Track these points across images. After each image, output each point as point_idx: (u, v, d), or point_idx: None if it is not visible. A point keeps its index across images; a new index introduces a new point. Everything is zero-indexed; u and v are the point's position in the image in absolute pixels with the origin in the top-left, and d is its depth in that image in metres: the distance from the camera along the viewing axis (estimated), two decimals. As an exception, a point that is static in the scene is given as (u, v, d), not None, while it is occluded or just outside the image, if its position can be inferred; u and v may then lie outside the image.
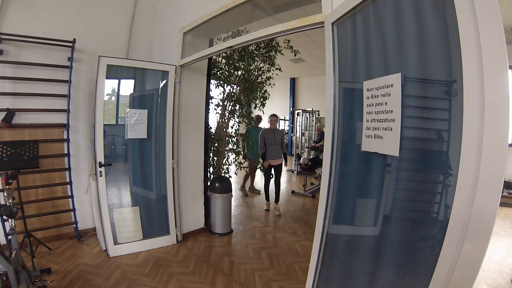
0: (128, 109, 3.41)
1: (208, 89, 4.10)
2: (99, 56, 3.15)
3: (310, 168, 7.14)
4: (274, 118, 5.18)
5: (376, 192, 1.60)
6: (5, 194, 2.47)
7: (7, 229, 2.64)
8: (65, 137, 3.50)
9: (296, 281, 2.85)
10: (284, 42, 4.59)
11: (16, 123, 3.19)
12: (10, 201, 2.44)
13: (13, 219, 2.32)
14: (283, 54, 4.88)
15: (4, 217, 2.79)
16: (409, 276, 1.41)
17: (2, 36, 3.04)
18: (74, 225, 3.60)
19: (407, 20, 1.30)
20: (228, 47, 2.86)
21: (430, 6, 1.21)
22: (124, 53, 3.98)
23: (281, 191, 5.82)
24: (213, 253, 3.46)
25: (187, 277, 2.89)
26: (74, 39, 3.40)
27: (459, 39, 1.02)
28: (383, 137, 1.40)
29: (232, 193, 4.24)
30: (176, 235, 3.64)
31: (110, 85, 3.47)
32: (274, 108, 12.79)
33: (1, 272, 1.88)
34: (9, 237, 2.44)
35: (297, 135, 9.65)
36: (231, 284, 2.81)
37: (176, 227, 3.62)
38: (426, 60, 1.25)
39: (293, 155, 10.46)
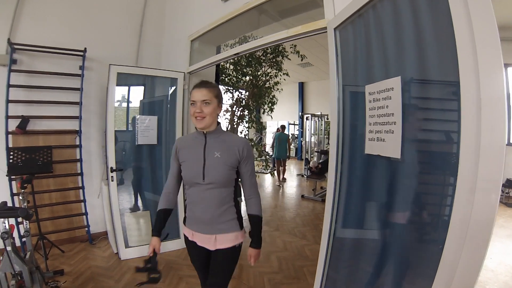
0: (138, 116, 3.49)
1: None
2: (110, 64, 3.25)
3: (320, 172, 7.10)
4: None
5: (380, 195, 1.60)
6: (21, 198, 2.56)
7: (22, 231, 2.74)
8: (78, 143, 3.60)
9: (304, 284, 2.84)
10: (291, 47, 4.62)
11: (30, 130, 3.30)
12: (25, 204, 2.54)
13: (27, 222, 2.40)
14: (290, 59, 4.91)
15: (19, 220, 2.91)
16: (413, 279, 1.40)
17: (16, 46, 3.17)
18: (86, 229, 3.67)
19: (405, 24, 1.32)
20: (235, 54, 2.90)
21: (426, 10, 1.22)
22: (133, 60, 4.08)
23: (290, 195, 7.09)
24: (222, 256, 3.47)
25: (196, 280, 2.89)
26: (85, 48, 3.51)
27: (454, 40, 1.04)
28: (385, 139, 1.41)
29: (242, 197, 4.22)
30: (186, 239, 3.63)
31: (120, 91, 3.56)
32: (283, 112, 12.85)
33: (16, 272, 1.93)
34: (24, 239, 2.53)
35: (307, 140, 9.62)
36: (239, 287, 2.82)
37: (186, 231, 3.62)
38: (424, 63, 1.26)
39: (303, 159, 10.41)
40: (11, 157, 2.88)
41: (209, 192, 1.54)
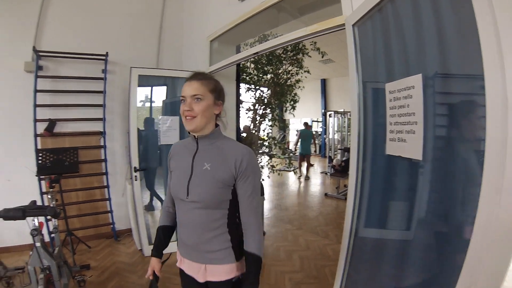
0: (161, 116, 3.56)
1: (237, 94, 4.13)
2: (131, 67, 3.33)
3: (343, 170, 6.95)
4: None
5: (402, 195, 1.55)
6: (49, 197, 2.69)
7: (51, 228, 2.88)
8: (102, 143, 3.73)
9: (325, 285, 2.79)
10: (311, 44, 4.54)
11: (57, 132, 3.48)
12: (54, 202, 2.65)
13: (56, 219, 2.52)
14: (310, 56, 4.83)
15: (48, 217, 3.07)
16: (435, 282, 1.34)
17: (41, 54, 3.34)
18: (112, 226, 3.81)
19: (425, 18, 1.25)
20: (254, 53, 2.86)
21: (447, 2, 1.15)
22: (154, 62, 4.15)
23: (314, 193, 6.96)
24: (245, 255, 3.48)
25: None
26: (107, 52, 3.63)
27: (478, 34, 0.96)
28: (406, 140, 1.36)
29: (265, 196, 4.21)
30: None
31: (143, 92, 3.65)
32: (306, 110, 12.71)
33: (45, 267, 2.01)
34: (53, 235, 2.66)
35: (330, 137, 9.46)
36: (260, 286, 2.80)
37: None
38: (446, 59, 1.19)
39: (326, 157, 10.25)
40: (40, 158, 3.04)
41: (194, 213, 1.23)
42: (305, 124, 9.46)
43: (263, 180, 4.42)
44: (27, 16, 3.32)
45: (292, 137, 13.77)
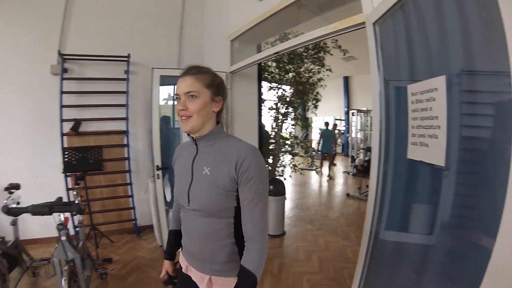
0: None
1: (259, 93, 4.11)
2: (152, 68, 3.39)
3: (366, 170, 6.76)
4: None
5: (423, 200, 1.51)
6: (74, 193, 2.80)
7: (76, 222, 3.01)
8: (125, 142, 3.83)
9: (343, 287, 2.74)
10: (332, 42, 4.47)
11: (82, 131, 3.62)
12: (79, 198, 2.77)
13: (81, 215, 2.63)
14: (332, 55, 4.74)
15: (73, 213, 3.20)
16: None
17: (66, 57, 3.50)
18: (134, 222, 3.92)
19: (449, 15, 1.19)
20: (275, 53, 2.85)
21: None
22: (175, 61, 4.19)
23: (336, 193, 6.93)
24: (265, 254, 3.47)
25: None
26: (129, 54, 3.72)
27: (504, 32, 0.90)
28: (428, 145, 1.30)
29: (286, 195, 4.19)
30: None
31: (165, 90, 3.70)
32: (329, 108, 12.49)
33: (70, 259, 2.09)
34: (77, 229, 2.78)
35: (352, 136, 9.27)
36: (278, 286, 2.80)
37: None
38: (472, 60, 1.13)
39: (348, 156, 10.05)
40: (66, 156, 3.19)
41: (197, 221, 1.12)
42: (326, 123, 9.43)
43: (285, 179, 4.39)
44: (51, 22, 3.49)
45: (315, 135, 13.62)
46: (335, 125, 10.85)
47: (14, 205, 2.45)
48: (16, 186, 2.68)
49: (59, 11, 3.50)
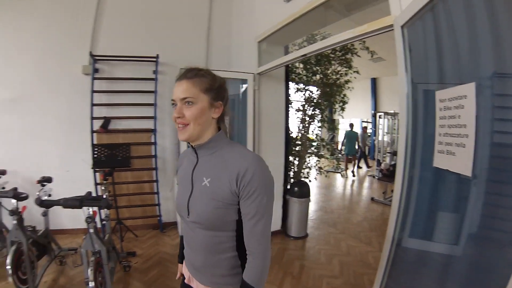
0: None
1: (287, 95, 4.10)
2: (180, 68, 3.44)
3: (391, 174, 6.54)
4: None
5: (448, 209, 1.46)
6: (103, 188, 2.93)
7: (103, 216, 3.13)
8: (153, 140, 3.93)
9: (362, 293, 2.68)
10: (360, 44, 4.38)
11: (111, 129, 3.77)
12: (107, 193, 2.89)
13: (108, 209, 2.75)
14: (359, 56, 4.65)
15: (101, 207, 3.35)
16: None
17: (97, 58, 3.66)
18: (158, 218, 4.01)
19: (480, 19, 1.14)
20: (302, 55, 2.84)
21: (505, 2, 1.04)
22: (203, 62, 4.24)
23: (360, 197, 6.86)
24: (286, 255, 3.46)
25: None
26: (157, 54, 3.83)
27: None
28: (455, 153, 1.26)
29: (310, 197, 4.15)
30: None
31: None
32: (356, 110, 12.20)
33: (96, 251, 2.19)
34: (104, 222, 2.90)
35: (379, 139, 9.02)
36: (297, 287, 2.79)
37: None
38: (504, 66, 1.07)
39: (374, 159, 9.78)
40: (96, 152, 3.34)
41: (197, 233, 1.06)
42: (351, 125, 9.50)
43: (310, 181, 4.34)
44: (83, 25, 3.67)
45: (341, 137, 13.44)
46: (365, 128, 10.62)
47: (46, 197, 2.61)
48: (48, 179, 2.84)
49: (90, 14, 3.67)
